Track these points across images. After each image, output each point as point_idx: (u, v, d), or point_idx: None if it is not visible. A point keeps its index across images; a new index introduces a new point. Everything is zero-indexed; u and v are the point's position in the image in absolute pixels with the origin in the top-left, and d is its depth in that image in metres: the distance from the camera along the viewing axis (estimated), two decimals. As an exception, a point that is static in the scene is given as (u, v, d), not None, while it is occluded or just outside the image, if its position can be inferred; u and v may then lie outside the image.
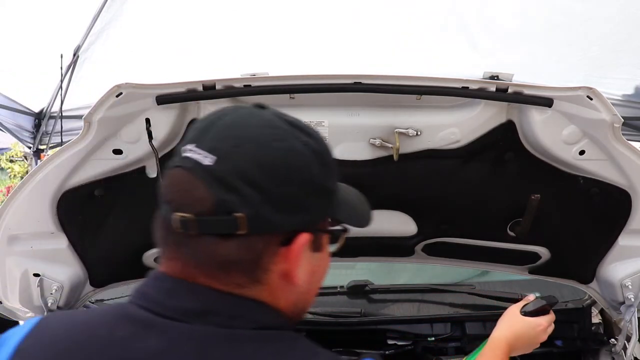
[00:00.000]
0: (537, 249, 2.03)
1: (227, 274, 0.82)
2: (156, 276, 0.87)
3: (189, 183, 0.81)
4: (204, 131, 0.84)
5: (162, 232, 0.86)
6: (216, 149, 0.81)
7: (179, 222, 0.81)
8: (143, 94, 1.58)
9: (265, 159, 0.81)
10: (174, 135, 1.70)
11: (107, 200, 1.79)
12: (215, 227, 0.80)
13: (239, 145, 0.82)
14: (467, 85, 1.58)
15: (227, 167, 0.80)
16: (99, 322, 0.87)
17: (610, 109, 1.54)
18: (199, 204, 0.80)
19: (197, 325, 0.81)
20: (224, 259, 0.82)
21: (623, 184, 1.72)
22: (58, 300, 1.90)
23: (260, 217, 0.80)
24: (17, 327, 0.92)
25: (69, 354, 0.83)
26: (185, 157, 0.83)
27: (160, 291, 0.85)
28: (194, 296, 0.83)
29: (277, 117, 0.87)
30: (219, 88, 1.59)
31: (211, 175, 0.80)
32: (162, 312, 0.82)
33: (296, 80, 1.60)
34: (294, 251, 0.84)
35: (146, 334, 0.81)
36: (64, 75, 2.76)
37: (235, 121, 0.85)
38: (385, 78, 1.59)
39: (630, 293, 1.90)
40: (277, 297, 0.86)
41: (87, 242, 1.88)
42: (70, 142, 1.63)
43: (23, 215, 1.75)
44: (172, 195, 0.84)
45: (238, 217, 0.79)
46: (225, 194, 0.80)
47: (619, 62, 3.08)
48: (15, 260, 1.84)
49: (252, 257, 0.82)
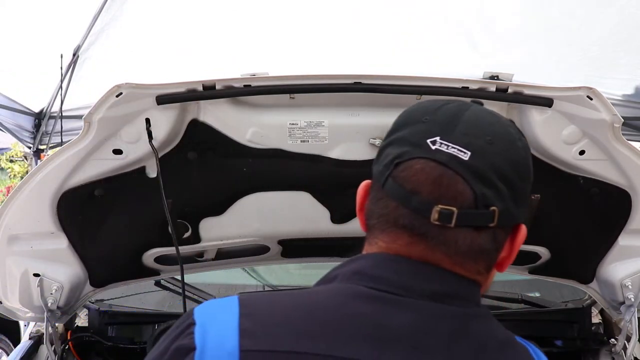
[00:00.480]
0: (537, 249, 2.03)
1: (474, 262, 0.87)
2: (387, 258, 0.88)
3: (447, 177, 0.84)
4: (448, 125, 0.86)
5: (404, 220, 0.86)
6: (471, 144, 0.84)
7: (440, 213, 0.83)
8: (143, 94, 1.58)
9: (515, 157, 0.87)
10: (174, 135, 1.70)
11: (107, 200, 1.79)
12: (474, 220, 0.84)
13: (492, 142, 0.85)
14: (467, 85, 1.58)
15: (485, 163, 0.84)
16: (335, 303, 0.85)
17: (610, 109, 1.54)
18: (460, 198, 0.83)
19: (444, 306, 0.84)
20: (477, 249, 0.86)
21: (623, 184, 1.72)
22: (58, 300, 1.90)
23: (508, 211, 0.86)
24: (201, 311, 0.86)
25: (319, 332, 0.82)
26: (437, 150, 0.84)
27: (398, 273, 0.86)
28: (442, 280, 0.86)
29: (502, 117, 0.93)
30: (219, 88, 1.59)
31: (470, 171, 0.83)
32: (403, 293, 0.84)
33: (296, 80, 1.60)
34: (518, 242, 0.91)
35: (395, 311, 0.83)
36: (64, 75, 2.77)
37: (478, 117, 0.89)
38: (385, 78, 1.59)
39: (630, 293, 1.90)
40: (487, 281, 0.92)
41: (87, 242, 1.88)
42: (70, 142, 1.63)
43: (23, 215, 1.75)
44: (425, 187, 0.85)
45: (494, 211, 0.84)
46: (484, 189, 0.83)
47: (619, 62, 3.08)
48: (15, 260, 1.84)
49: (496, 247, 0.88)
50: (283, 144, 1.74)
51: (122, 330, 2.44)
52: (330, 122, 1.71)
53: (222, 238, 2.04)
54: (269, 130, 1.73)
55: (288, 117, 1.70)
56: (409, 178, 0.86)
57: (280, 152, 1.76)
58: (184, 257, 1.89)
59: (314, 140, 1.73)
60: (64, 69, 2.78)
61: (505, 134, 0.88)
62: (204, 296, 2.54)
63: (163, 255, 2.05)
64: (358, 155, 1.77)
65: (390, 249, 0.88)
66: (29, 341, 2.15)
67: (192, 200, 1.88)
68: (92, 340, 2.30)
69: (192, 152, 1.76)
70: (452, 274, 0.87)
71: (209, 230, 1.98)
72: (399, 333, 0.82)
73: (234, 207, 1.92)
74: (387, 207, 0.88)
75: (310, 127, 1.71)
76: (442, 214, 0.83)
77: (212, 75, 1.59)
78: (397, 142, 0.90)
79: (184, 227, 1.94)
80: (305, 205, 1.91)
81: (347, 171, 1.80)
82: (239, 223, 1.98)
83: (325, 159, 1.78)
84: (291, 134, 1.72)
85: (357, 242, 2.40)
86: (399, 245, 0.87)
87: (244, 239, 2.06)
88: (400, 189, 0.86)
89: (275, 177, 1.86)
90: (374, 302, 0.84)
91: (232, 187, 1.89)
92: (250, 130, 1.72)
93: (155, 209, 1.74)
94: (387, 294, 0.84)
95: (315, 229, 2.00)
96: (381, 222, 0.89)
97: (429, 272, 0.86)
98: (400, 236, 0.87)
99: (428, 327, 0.83)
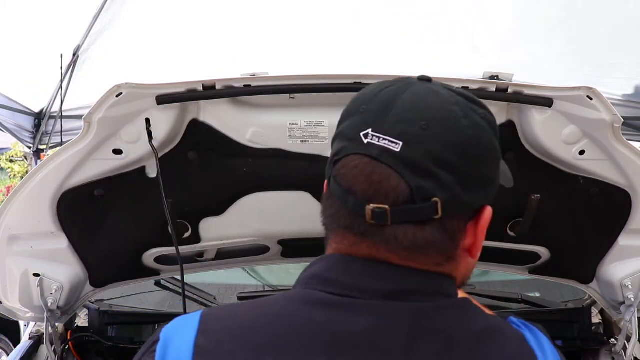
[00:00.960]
0: (537, 249, 2.03)
1: (424, 255, 0.82)
2: (338, 259, 0.85)
3: (379, 172, 0.79)
4: (381, 114, 0.81)
5: (345, 220, 0.83)
6: (404, 133, 0.78)
7: (373, 213, 0.79)
8: (143, 94, 1.58)
9: (457, 140, 0.79)
10: (174, 135, 1.70)
11: (107, 200, 1.79)
12: (412, 216, 0.79)
13: (428, 127, 0.78)
14: (467, 86, 1.58)
15: (419, 152, 0.78)
16: (290, 312, 0.82)
17: (610, 109, 1.54)
18: (393, 194, 0.79)
19: (402, 303, 0.80)
20: (422, 243, 0.81)
21: (623, 184, 1.72)
22: (58, 300, 1.90)
23: (455, 199, 0.79)
24: (167, 327, 0.86)
25: (272, 345, 0.79)
26: (369, 143, 0.80)
27: (349, 274, 0.83)
28: (394, 277, 0.82)
29: (449, 91, 0.84)
30: (219, 88, 1.59)
31: (403, 163, 0.78)
32: (357, 295, 0.81)
33: (296, 80, 1.60)
34: (482, 226, 0.85)
35: (349, 316, 0.80)
36: (64, 75, 2.77)
37: (415, 100, 0.81)
38: (386, 78, 1.59)
39: (630, 293, 1.90)
40: (458, 270, 0.87)
41: (87, 242, 1.88)
42: (70, 142, 1.63)
43: (23, 215, 1.75)
44: (359, 185, 0.81)
45: (435, 203, 0.78)
46: (421, 181, 0.78)
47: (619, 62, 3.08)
48: (15, 260, 1.84)
49: (447, 237, 0.82)
50: (283, 144, 1.75)
51: (122, 330, 2.44)
52: (330, 122, 1.71)
53: (222, 238, 2.04)
54: (269, 130, 1.73)
55: (288, 117, 1.70)
56: (345, 176, 0.83)
57: (280, 152, 1.76)
58: (184, 257, 1.89)
59: (314, 140, 1.73)
60: (64, 69, 2.78)
61: (445, 114, 0.80)
62: (204, 296, 2.54)
63: (163, 255, 2.05)
64: (358, 155, 1.77)
65: (340, 249, 0.86)
66: (29, 341, 2.15)
67: (192, 200, 1.88)
68: (92, 340, 2.30)
69: (192, 152, 1.76)
70: (404, 269, 0.82)
71: (209, 230, 1.98)
72: (355, 338, 0.79)
73: (234, 207, 1.92)
74: (333, 206, 0.86)
75: (310, 127, 1.71)
76: (375, 213, 0.79)
77: (212, 75, 1.59)
78: (338, 136, 0.87)
79: (184, 227, 1.94)
80: (305, 205, 1.91)
81: (347, 171, 1.80)
82: (239, 223, 1.98)
83: (325, 159, 1.77)
84: (291, 134, 1.72)
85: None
86: (346, 246, 0.85)
87: (244, 239, 2.06)
88: (339, 188, 0.83)
89: (275, 177, 1.86)
90: (328, 308, 0.81)
91: (232, 187, 1.89)
92: (250, 130, 1.72)
93: (155, 209, 1.74)
94: (341, 298, 0.81)
95: (315, 229, 1.98)
96: (330, 222, 0.88)
97: (378, 270, 0.82)
98: (345, 236, 0.85)
99: (385, 328, 0.79)
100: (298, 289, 0.87)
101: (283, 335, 0.80)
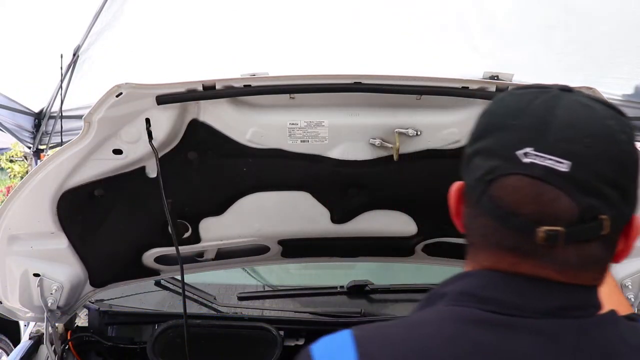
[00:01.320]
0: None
1: (586, 271, 0.82)
2: (496, 276, 0.83)
3: (547, 193, 0.78)
4: (537, 131, 0.79)
5: (508, 241, 0.82)
6: (569, 152, 0.77)
7: (546, 235, 0.78)
8: (143, 94, 1.58)
9: (619, 156, 0.80)
10: (174, 135, 1.70)
11: (107, 200, 1.79)
12: (582, 235, 0.79)
13: (591, 145, 0.78)
14: (467, 85, 1.58)
15: (587, 171, 0.77)
16: (450, 334, 0.81)
17: (610, 109, 1.54)
18: (564, 215, 0.78)
19: (563, 320, 0.80)
20: (589, 260, 0.81)
21: (623, 184, 1.72)
22: (58, 300, 1.90)
23: (620, 215, 0.80)
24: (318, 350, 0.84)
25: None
26: (531, 163, 0.78)
27: (509, 292, 0.82)
28: (556, 294, 0.81)
29: (599, 104, 0.83)
30: (219, 88, 1.59)
31: (572, 183, 0.77)
32: (517, 313, 0.80)
33: (296, 80, 1.60)
34: (634, 233, 0.84)
35: (513, 335, 0.79)
36: (64, 75, 2.77)
37: (572, 116, 0.80)
38: (385, 78, 1.59)
39: (630, 293, 1.90)
40: (602, 280, 0.87)
41: (87, 242, 1.88)
42: (70, 142, 1.64)
43: (23, 215, 1.75)
44: (525, 207, 0.79)
45: (604, 220, 0.78)
46: (590, 200, 0.77)
47: (619, 62, 3.08)
48: (15, 260, 1.84)
49: (609, 252, 0.83)
50: (283, 144, 1.75)
51: (122, 330, 2.45)
52: (330, 122, 1.71)
53: (222, 238, 2.04)
54: (269, 130, 1.73)
55: (288, 117, 1.70)
56: (504, 198, 0.80)
57: (280, 152, 1.76)
58: (184, 257, 1.89)
59: (314, 140, 1.73)
60: (64, 69, 2.78)
61: (604, 129, 0.80)
62: (204, 296, 2.54)
63: (163, 255, 2.05)
64: (358, 155, 1.77)
65: (496, 267, 0.84)
66: (29, 341, 2.15)
67: (192, 200, 1.89)
68: (92, 340, 2.30)
69: (192, 152, 1.76)
70: (564, 286, 0.81)
71: (209, 230, 1.98)
72: (523, 357, 0.79)
73: (234, 207, 1.92)
74: (486, 226, 0.83)
75: (310, 127, 1.71)
76: (548, 235, 0.78)
77: (212, 75, 1.59)
78: (484, 152, 0.83)
79: (184, 227, 1.94)
80: (305, 205, 1.91)
81: (347, 171, 1.80)
82: (239, 223, 1.98)
83: (325, 159, 1.78)
84: (291, 134, 1.72)
85: (357, 242, 2.40)
86: (506, 265, 0.83)
87: (244, 239, 2.06)
88: (498, 210, 0.81)
89: (275, 177, 1.86)
90: (489, 328, 0.80)
91: (232, 187, 1.89)
92: (250, 130, 1.72)
93: (155, 209, 1.74)
94: (502, 317, 0.80)
95: (315, 229, 2.00)
96: (483, 241, 0.85)
97: (540, 288, 0.81)
98: (505, 257, 0.83)
99: (551, 347, 0.79)
100: (445, 307, 0.84)
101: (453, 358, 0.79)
